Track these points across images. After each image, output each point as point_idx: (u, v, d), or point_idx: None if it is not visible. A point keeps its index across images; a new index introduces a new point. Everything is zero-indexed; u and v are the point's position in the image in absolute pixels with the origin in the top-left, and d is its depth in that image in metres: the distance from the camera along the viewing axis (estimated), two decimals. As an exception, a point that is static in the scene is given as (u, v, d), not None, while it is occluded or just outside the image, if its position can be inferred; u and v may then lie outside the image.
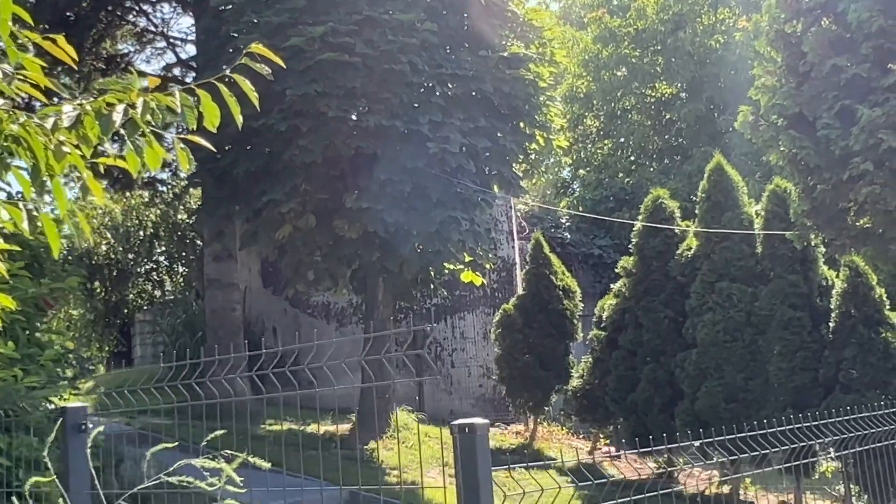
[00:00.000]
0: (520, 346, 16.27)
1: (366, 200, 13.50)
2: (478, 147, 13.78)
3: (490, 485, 3.22)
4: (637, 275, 14.79)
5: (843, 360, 12.38)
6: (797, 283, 13.07)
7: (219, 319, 16.83)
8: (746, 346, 13.24)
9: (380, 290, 15.30)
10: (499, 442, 16.29)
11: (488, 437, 3.38)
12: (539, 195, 29.79)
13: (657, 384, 14.15)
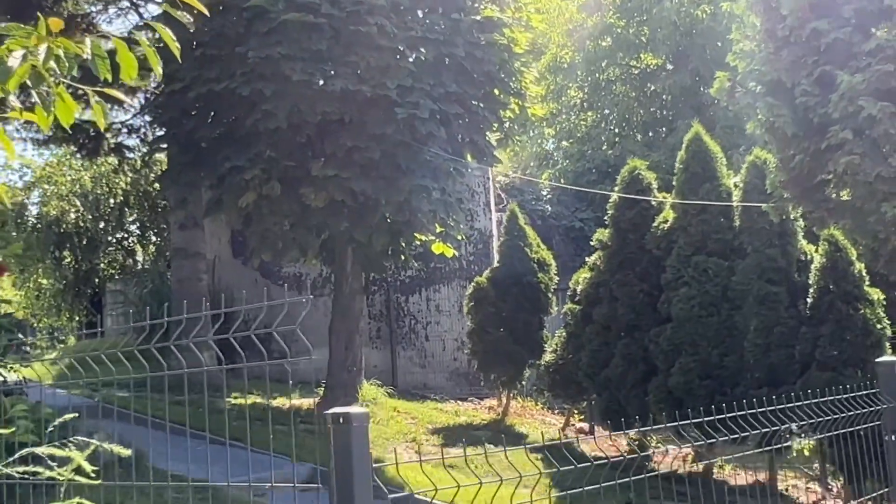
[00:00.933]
0: (492, 319, 15.89)
1: (332, 168, 13.05)
2: (449, 114, 13.33)
3: (369, 484, 2.79)
4: (612, 248, 14.39)
5: (821, 337, 12.03)
6: (775, 258, 12.70)
7: (185, 290, 16.38)
8: (722, 321, 12.88)
9: (349, 261, 14.89)
10: (470, 417, 15.95)
11: (368, 429, 2.93)
12: (521, 166, 29.36)
13: (631, 360, 13.79)
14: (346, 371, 14.78)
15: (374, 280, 19.70)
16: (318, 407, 14.82)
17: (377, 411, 14.65)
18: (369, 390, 15.23)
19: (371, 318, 19.66)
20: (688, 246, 13.29)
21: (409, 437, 13.76)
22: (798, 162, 9.44)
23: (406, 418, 14.91)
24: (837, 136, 8.74)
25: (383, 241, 14.22)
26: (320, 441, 12.29)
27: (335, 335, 14.93)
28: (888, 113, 8.48)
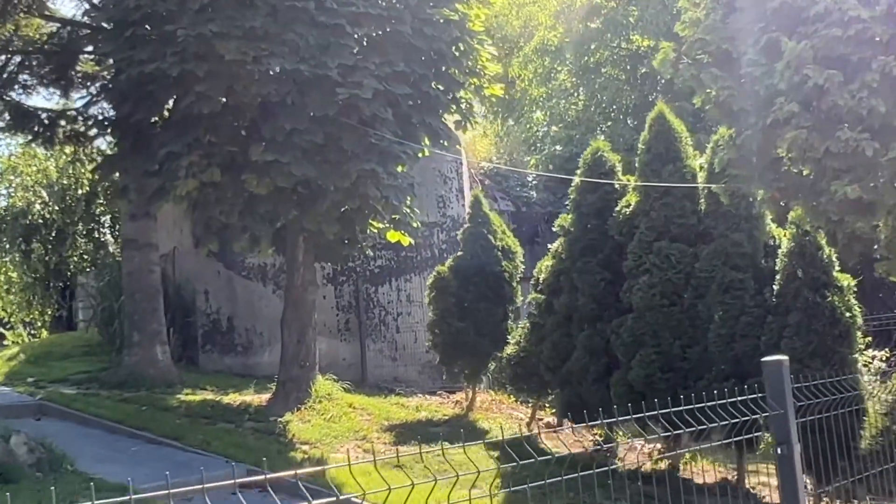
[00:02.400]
0: (454, 310, 15.19)
1: (272, 152, 12.36)
2: (396, 94, 12.61)
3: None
4: (574, 234, 13.67)
5: (787, 327, 11.29)
6: (740, 243, 11.97)
7: (136, 282, 15.75)
8: (685, 310, 12.17)
9: (300, 251, 14.21)
10: (432, 413, 15.28)
11: None
12: (507, 151, 28.62)
13: (592, 352, 13.09)
14: (299, 366, 14.13)
15: (343, 270, 19.05)
16: (269, 403, 14.20)
17: (330, 408, 13.99)
18: (324, 385, 14.57)
19: (339, 310, 19.01)
20: (649, 231, 12.56)
21: (361, 434, 13.10)
22: (746, 138, 8.70)
23: (362, 414, 14.25)
24: (783, 109, 7.99)
25: (333, 228, 13.53)
26: (263, 440, 11.53)
27: (287, 328, 14.27)
28: (836, 82, 7.73)
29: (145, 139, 12.91)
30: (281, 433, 12.96)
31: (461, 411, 15.55)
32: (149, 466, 11.23)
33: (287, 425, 13.17)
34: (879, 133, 7.86)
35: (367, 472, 10.60)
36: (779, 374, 4.09)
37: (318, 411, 13.78)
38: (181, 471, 10.73)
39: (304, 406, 13.81)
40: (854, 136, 7.76)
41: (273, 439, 12.70)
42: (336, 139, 12.46)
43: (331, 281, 18.95)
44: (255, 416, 13.66)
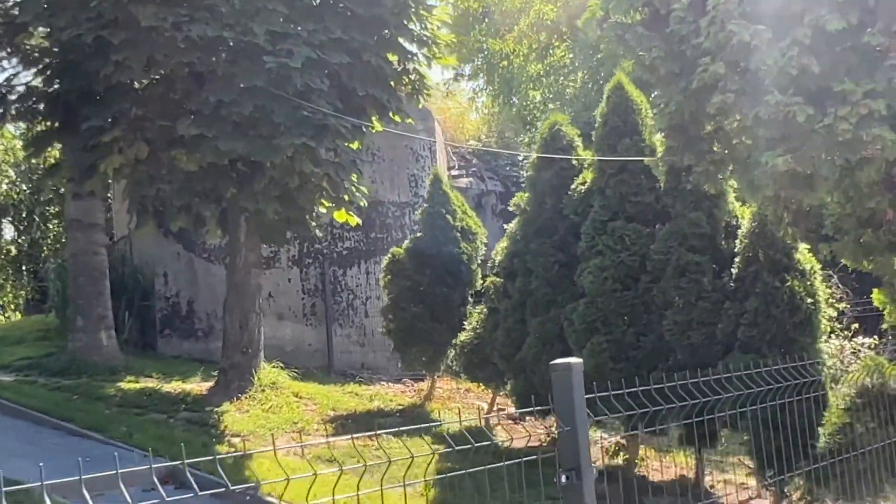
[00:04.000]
0: (410, 294, 14.37)
1: (199, 126, 11.58)
2: (332, 63, 11.78)
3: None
4: (529, 213, 12.81)
5: (745, 314, 10.41)
6: (698, 222, 11.05)
7: (80, 265, 15.05)
8: (639, 295, 11.29)
9: (242, 231, 13.43)
10: (386, 402, 14.50)
11: None
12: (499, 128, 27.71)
13: (546, 339, 12.25)
14: (241, 352, 13.38)
15: (309, 252, 18.30)
16: (209, 392, 13.48)
17: (272, 397, 13.25)
18: (269, 373, 13.82)
19: (305, 294, 18.25)
20: (604, 210, 11.67)
21: (299, 426, 12.34)
22: (676, 105, 7.80)
23: (307, 405, 13.49)
24: (709, 70, 7.09)
25: (273, 207, 12.74)
26: (192, 432, 10.74)
27: (229, 313, 13.53)
28: (764, 39, 6.82)
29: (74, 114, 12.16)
30: (214, 424, 12.25)
31: (419, 400, 14.76)
32: (62, 461, 10.54)
33: (222, 416, 12.45)
34: (814, 97, 6.95)
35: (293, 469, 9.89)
36: (567, 382, 3.25)
37: (259, 401, 13.05)
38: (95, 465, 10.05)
39: (246, 395, 13.09)
40: (785, 101, 6.85)
41: (203, 431, 11.99)
42: (268, 112, 11.65)
43: (296, 263, 18.20)
44: (191, 405, 12.95)
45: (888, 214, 7.50)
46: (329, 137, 11.94)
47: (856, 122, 6.68)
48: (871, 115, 6.69)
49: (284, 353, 17.83)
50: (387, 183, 18.69)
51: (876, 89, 6.70)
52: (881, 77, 6.69)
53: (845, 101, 6.75)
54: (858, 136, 6.72)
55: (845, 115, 6.69)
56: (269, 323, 17.89)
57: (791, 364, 5.61)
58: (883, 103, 6.67)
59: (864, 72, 6.81)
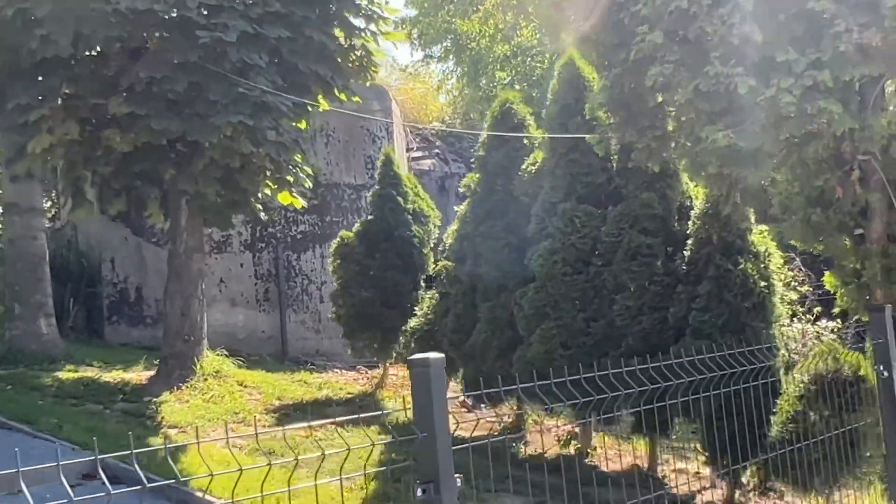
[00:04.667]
0: (359, 279, 13.91)
1: (133, 104, 11.05)
2: (271, 38, 11.27)
3: None
4: (479, 195, 12.37)
5: (697, 298, 10.02)
6: (651, 203, 10.65)
7: (17, 250, 14.48)
8: (590, 279, 10.87)
9: (182, 215, 12.91)
10: (335, 391, 14.04)
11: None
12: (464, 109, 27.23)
13: (496, 325, 11.83)
14: (183, 340, 12.88)
15: (262, 236, 17.80)
16: (150, 382, 12.99)
17: (215, 386, 12.77)
18: (213, 361, 13.34)
19: (258, 279, 17.76)
20: (554, 191, 11.24)
21: (240, 416, 11.88)
22: (615, 77, 7.38)
23: (251, 394, 13.03)
24: (646, 39, 6.67)
25: (214, 189, 12.23)
26: (127, 424, 10.20)
27: (170, 299, 13.02)
28: (704, 5, 6.40)
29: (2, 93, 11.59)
30: (151, 415, 11.76)
31: (371, 389, 14.33)
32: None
33: (160, 406, 11.97)
34: (757, 68, 6.55)
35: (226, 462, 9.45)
36: (424, 381, 2.80)
37: (200, 390, 12.57)
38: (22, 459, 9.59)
39: (187, 385, 12.60)
40: (726, 72, 6.44)
41: (138, 423, 11.49)
42: (203, 89, 11.13)
43: (249, 248, 17.70)
44: (129, 395, 12.45)
45: (838, 192, 7.12)
46: (269, 116, 11.43)
47: (800, 95, 6.30)
48: (816, 87, 6.31)
49: (237, 340, 17.37)
50: (342, 165, 18.22)
51: (821, 59, 6.31)
52: (827, 46, 6.30)
53: (789, 72, 6.35)
54: (803, 109, 6.34)
55: (789, 87, 6.30)
56: (222, 309, 17.45)
57: (743, 349, 5.34)
58: (829, 74, 6.28)
59: (810, 40, 6.42)
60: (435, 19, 33.29)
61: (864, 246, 7.33)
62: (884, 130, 6.55)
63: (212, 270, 17.54)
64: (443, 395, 2.77)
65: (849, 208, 7.23)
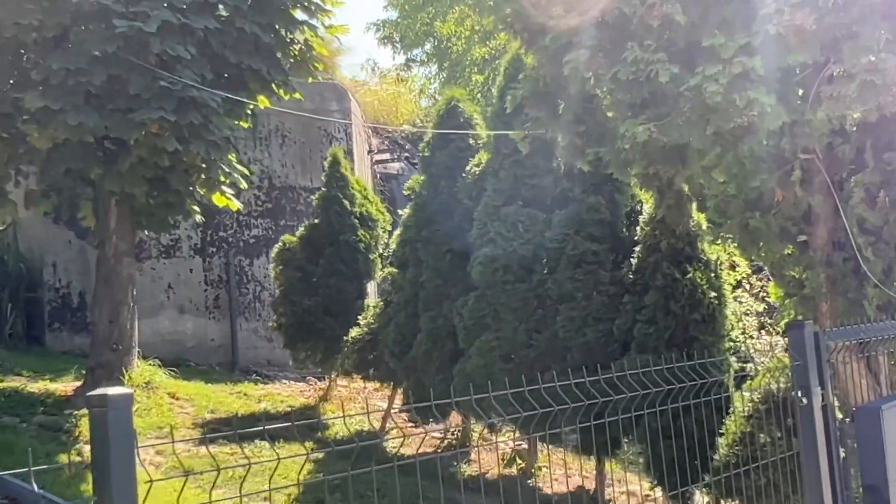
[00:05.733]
0: (301, 286, 13.21)
1: (44, 98, 10.36)
2: (197, 29, 10.59)
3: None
4: (423, 198, 11.70)
5: (643, 309, 9.34)
6: (597, 207, 9.97)
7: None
8: (533, 288, 10.18)
9: (112, 217, 12.20)
10: (276, 403, 13.32)
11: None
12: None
13: (437, 336, 11.15)
14: (111, 349, 12.16)
15: (213, 240, 17.09)
16: (75, 393, 12.27)
17: (144, 398, 12.05)
18: (144, 371, 12.62)
19: (208, 285, 17.03)
20: (497, 194, 10.56)
21: (164, 431, 11.16)
22: (538, 67, 6.72)
23: (183, 407, 12.33)
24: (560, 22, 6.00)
25: (142, 189, 11.53)
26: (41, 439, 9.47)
27: (98, 306, 12.31)
28: (622, -16, 5.73)
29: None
30: (69, 430, 11.05)
31: (315, 401, 13.62)
32: None
33: (80, 420, 11.25)
34: (681, 53, 5.88)
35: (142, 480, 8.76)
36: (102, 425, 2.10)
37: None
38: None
39: (114, 396, 11.86)
40: (646, 58, 5.77)
41: (53, 437, 10.78)
42: (125, 83, 10.44)
43: (198, 252, 16.98)
44: (51, 408, 11.72)
45: (778, 195, 6.44)
46: (197, 112, 10.73)
47: (727, 84, 5.62)
48: (745, 75, 5.63)
49: (185, 348, 16.68)
50: (298, 167, 17.52)
51: (752, 44, 5.63)
52: (759, 28, 5.62)
53: (717, 59, 5.68)
54: (731, 99, 5.65)
55: (715, 75, 5.62)
56: (170, 316, 16.76)
57: (690, 362, 4.77)
58: (759, 61, 5.60)
59: (741, 24, 5.74)
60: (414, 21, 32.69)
61: (808, 254, 6.65)
62: (824, 126, 5.88)
63: (160, 276, 16.88)
64: (128, 442, 2.08)
65: (790, 213, 6.56)
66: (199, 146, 11.08)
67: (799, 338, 4.38)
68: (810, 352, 4.38)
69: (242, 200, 17.04)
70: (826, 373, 4.51)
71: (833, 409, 4.52)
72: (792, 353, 4.43)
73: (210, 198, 12.27)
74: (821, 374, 4.44)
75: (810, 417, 4.34)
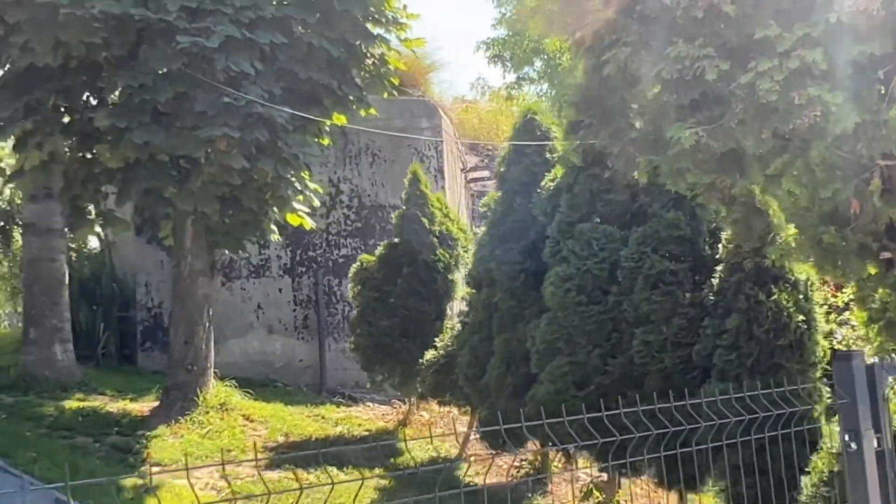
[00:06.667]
0: (378, 307, 12.85)
1: (111, 116, 10.32)
2: (262, 44, 10.38)
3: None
4: (497, 215, 11.19)
5: (724, 333, 8.61)
6: (677, 223, 9.28)
7: (35, 272, 13.94)
8: (608, 310, 9.54)
9: (188, 236, 12.11)
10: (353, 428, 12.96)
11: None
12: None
13: (510, 360, 10.60)
14: (186, 370, 12.05)
15: (302, 260, 16.96)
16: (150, 414, 12.21)
17: (216, 420, 11.88)
18: (220, 392, 12.45)
19: (297, 305, 16.90)
20: (571, 210, 9.97)
21: (232, 455, 10.93)
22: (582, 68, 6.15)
23: (256, 429, 12.10)
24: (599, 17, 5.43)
25: (214, 208, 11.38)
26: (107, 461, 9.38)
27: (174, 327, 12.24)
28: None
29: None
30: (138, 451, 10.95)
31: (395, 425, 13.22)
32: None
33: (150, 441, 11.14)
34: (732, 48, 5.24)
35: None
36: None
37: (199, 424, 11.69)
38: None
39: (188, 418, 11.74)
40: (692, 53, 5.16)
41: (121, 459, 10.69)
42: (190, 99, 10.32)
43: (287, 272, 16.87)
44: (125, 428, 11.66)
45: (854, 206, 5.70)
46: (262, 128, 10.52)
47: (784, 80, 4.96)
48: (805, 70, 4.96)
49: (274, 369, 16.58)
50: (388, 185, 17.23)
51: (811, 35, 4.96)
52: (819, 18, 4.95)
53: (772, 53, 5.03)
54: (789, 98, 4.99)
55: (769, 71, 4.97)
56: (259, 336, 16.72)
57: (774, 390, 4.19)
58: (821, 53, 4.93)
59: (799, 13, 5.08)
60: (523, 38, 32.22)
61: (893, 273, 5.86)
62: (904, 126, 5.14)
63: (249, 296, 16.84)
64: None
65: (870, 227, 5.79)
66: (267, 163, 10.87)
67: (846, 370, 3.71)
68: (861, 387, 3.70)
69: (332, 220, 16.98)
70: (884, 413, 3.82)
71: (892, 456, 3.82)
72: (838, 390, 3.75)
73: (284, 216, 12.04)
74: (875, 414, 3.74)
75: (860, 465, 3.66)
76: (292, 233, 16.15)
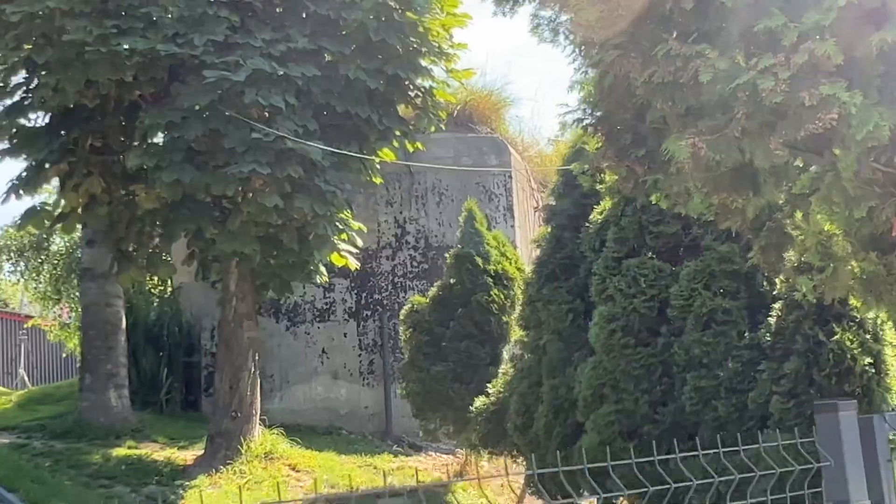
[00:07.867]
0: (429, 350, 12.22)
1: (140, 156, 10.07)
2: (294, 77, 10.01)
3: None
4: (545, 251, 10.48)
5: (782, 378, 7.71)
6: (730, 257, 8.45)
7: (92, 317, 13.83)
8: (657, 353, 8.72)
9: (232, 279, 11.77)
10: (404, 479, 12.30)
11: None
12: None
13: (558, 408, 9.80)
14: (231, 417, 11.65)
15: (367, 304, 16.49)
16: (194, 462, 11.81)
17: (259, 469, 11.41)
18: (266, 440, 11.98)
19: (362, 349, 16.41)
20: (618, 244, 9.21)
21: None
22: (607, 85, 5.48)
23: (300, 479, 11.57)
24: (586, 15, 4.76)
25: (253, 248, 11.00)
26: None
27: (219, 372, 11.89)
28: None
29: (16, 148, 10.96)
30: (173, 502, 10.54)
31: (448, 477, 12.52)
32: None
33: (188, 492, 10.72)
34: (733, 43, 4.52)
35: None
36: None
37: (241, 474, 11.24)
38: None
39: (230, 467, 11.31)
40: (685, 51, 4.46)
41: (151, 510, 10.30)
42: (221, 136, 10.00)
43: (353, 316, 16.43)
44: (166, 478, 11.30)
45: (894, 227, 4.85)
46: (296, 165, 10.11)
47: (790, 77, 4.22)
48: (814, 66, 4.21)
49: (339, 416, 16.10)
50: (455, 226, 16.65)
51: (821, 23, 4.21)
52: (831, 4, 4.20)
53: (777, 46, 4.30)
54: (797, 99, 4.24)
55: (772, 67, 4.25)
56: (323, 382, 16.32)
57: None
58: (834, 45, 4.18)
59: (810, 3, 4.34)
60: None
61: (947, 307, 4.98)
62: (943, 131, 4.32)
63: (314, 340, 16.44)
64: None
65: (918, 251, 4.94)
66: (303, 201, 10.44)
67: (831, 425, 2.93)
68: (851, 446, 2.92)
69: (398, 261, 16.51)
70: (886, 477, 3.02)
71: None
72: (821, 451, 2.98)
73: (326, 256, 11.58)
74: (871, 479, 2.95)
75: (849, 547, 2.87)
76: (357, 276, 15.76)
